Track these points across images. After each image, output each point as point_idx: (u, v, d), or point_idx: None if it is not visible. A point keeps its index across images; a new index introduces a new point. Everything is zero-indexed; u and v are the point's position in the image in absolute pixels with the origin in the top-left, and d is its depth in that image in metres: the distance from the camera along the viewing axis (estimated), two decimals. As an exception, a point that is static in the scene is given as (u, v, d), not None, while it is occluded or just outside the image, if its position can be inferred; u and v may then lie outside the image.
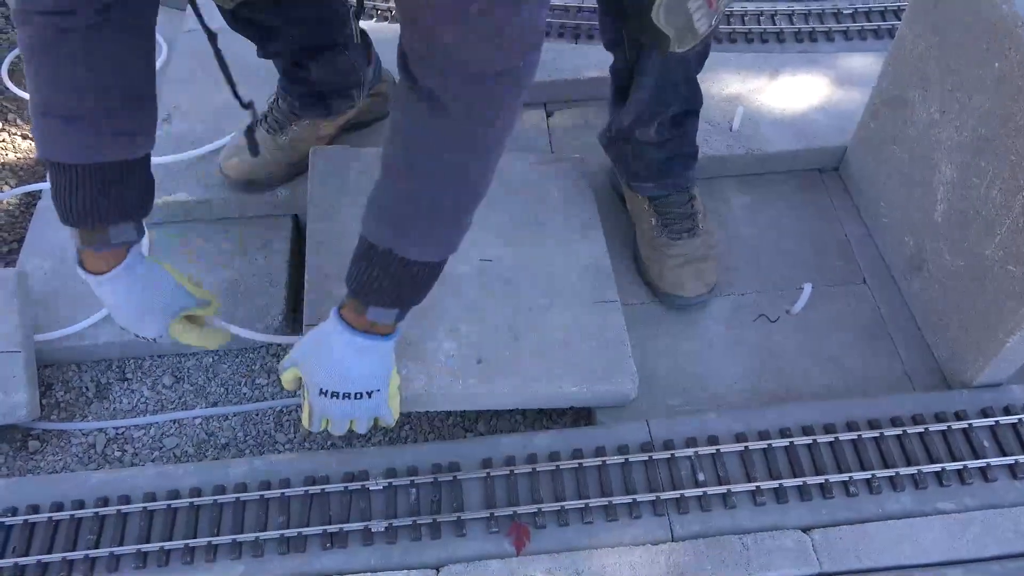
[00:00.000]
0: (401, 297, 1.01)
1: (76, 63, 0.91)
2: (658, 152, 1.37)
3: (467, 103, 0.89)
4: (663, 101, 1.29)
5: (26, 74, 0.94)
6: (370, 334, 1.03)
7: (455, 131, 0.91)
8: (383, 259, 0.97)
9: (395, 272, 0.97)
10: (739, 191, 1.61)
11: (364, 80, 1.48)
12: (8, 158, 1.72)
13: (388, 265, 0.97)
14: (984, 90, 1.17)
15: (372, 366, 1.06)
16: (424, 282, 1.01)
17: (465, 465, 1.20)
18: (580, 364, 1.24)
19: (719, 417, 1.25)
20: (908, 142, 1.37)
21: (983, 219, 1.20)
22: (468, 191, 0.98)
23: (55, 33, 0.89)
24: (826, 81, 1.72)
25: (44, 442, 1.34)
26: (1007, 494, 1.18)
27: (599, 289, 1.32)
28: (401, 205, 0.95)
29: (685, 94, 1.31)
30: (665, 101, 1.29)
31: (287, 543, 1.13)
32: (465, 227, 1.00)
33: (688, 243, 1.40)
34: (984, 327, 1.23)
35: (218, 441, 1.34)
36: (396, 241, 0.96)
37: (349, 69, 1.42)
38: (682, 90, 1.30)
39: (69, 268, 1.46)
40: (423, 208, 0.96)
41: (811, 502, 1.16)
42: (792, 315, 1.42)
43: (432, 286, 1.03)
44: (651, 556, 1.11)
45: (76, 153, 0.94)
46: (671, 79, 1.27)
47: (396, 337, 1.07)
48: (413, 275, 0.99)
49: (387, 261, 0.96)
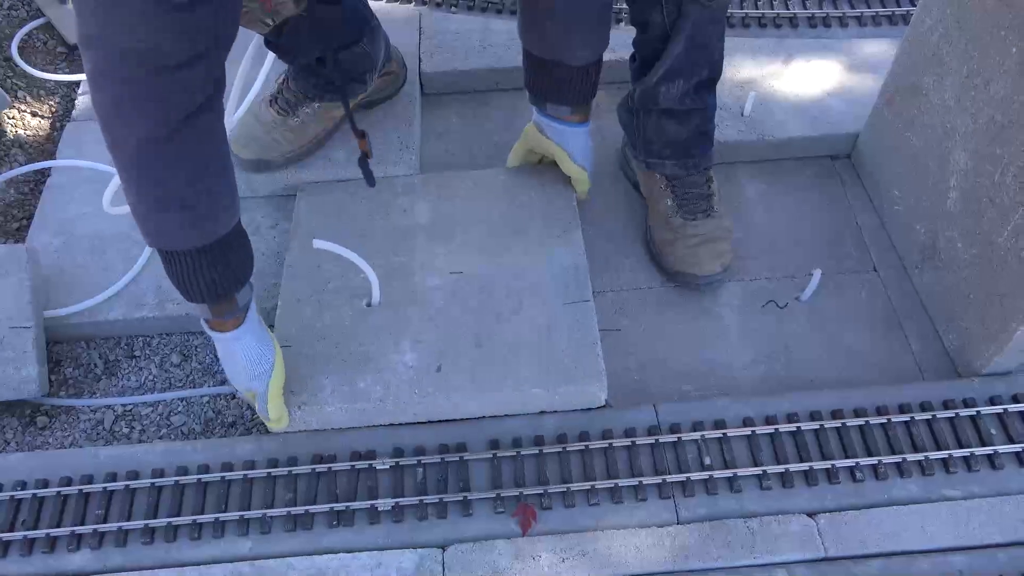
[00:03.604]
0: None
1: (191, 155, 0.96)
2: (679, 128, 1.37)
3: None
4: (695, 61, 1.30)
5: (133, 173, 0.96)
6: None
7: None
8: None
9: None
10: (751, 178, 1.60)
11: (377, 64, 1.47)
12: (18, 135, 1.71)
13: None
14: (1002, 76, 1.15)
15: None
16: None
17: (472, 446, 1.20)
18: (546, 367, 1.22)
19: (726, 402, 1.25)
20: (922, 129, 1.36)
21: (996, 207, 1.19)
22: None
23: (171, 131, 0.92)
24: (839, 67, 1.71)
25: (52, 418, 1.35)
26: (1014, 481, 1.17)
27: (573, 289, 1.31)
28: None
29: (715, 58, 1.33)
30: (697, 62, 1.30)
31: (294, 520, 1.14)
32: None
33: (704, 223, 1.40)
34: (996, 315, 1.22)
35: (225, 419, 1.35)
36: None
37: (363, 56, 1.42)
38: (714, 52, 1.32)
39: (78, 245, 1.47)
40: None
41: (817, 487, 1.16)
42: (802, 302, 1.41)
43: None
44: (656, 538, 1.12)
45: (192, 238, 1.00)
46: (705, 39, 1.28)
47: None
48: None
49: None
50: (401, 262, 1.35)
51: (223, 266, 1.03)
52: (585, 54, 1.25)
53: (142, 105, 0.90)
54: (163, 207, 0.97)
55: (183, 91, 0.91)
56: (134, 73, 0.88)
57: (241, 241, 1.07)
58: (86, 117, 1.66)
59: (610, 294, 1.43)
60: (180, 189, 0.97)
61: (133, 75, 0.88)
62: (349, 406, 1.20)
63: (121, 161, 0.95)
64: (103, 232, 1.48)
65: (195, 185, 0.98)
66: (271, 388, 1.14)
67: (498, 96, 1.73)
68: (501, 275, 1.33)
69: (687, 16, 1.24)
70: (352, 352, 1.24)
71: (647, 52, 1.33)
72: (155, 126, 0.91)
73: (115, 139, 0.93)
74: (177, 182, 0.96)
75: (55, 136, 1.71)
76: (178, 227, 0.99)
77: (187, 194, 0.97)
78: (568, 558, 1.10)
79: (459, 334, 1.26)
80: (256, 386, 1.13)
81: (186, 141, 0.94)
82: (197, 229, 1.00)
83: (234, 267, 1.05)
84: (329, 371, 1.22)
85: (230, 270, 1.05)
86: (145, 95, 0.90)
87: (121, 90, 0.89)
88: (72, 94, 1.76)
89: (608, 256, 1.47)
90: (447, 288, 1.32)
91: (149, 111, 0.91)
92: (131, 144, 0.93)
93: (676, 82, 1.32)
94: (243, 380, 1.13)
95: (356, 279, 1.31)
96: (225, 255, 1.03)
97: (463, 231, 1.39)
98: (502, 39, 1.74)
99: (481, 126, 1.68)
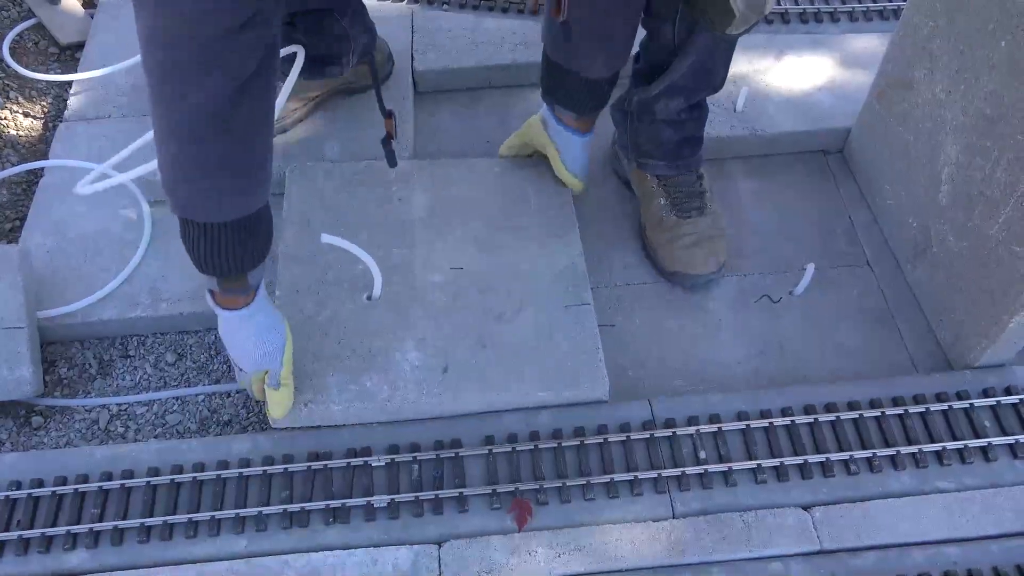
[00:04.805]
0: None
1: (247, 121, 0.94)
2: (673, 133, 1.38)
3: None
4: (698, 82, 1.31)
5: (182, 142, 0.94)
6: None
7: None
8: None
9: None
10: (743, 174, 1.60)
11: (355, 48, 1.48)
12: (10, 135, 1.71)
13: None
14: (991, 70, 1.16)
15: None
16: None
17: (467, 442, 1.21)
18: (549, 370, 1.23)
19: (721, 396, 1.25)
20: (913, 123, 1.36)
21: (988, 200, 1.20)
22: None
23: (228, 99, 0.91)
24: (831, 62, 1.71)
25: (47, 418, 1.34)
26: (1007, 473, 1.18)
27: (573, 292, 1.31)
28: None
29: (718, 80, 1.34)
30: (700, 79, 1.31)
31: (290, 518, 1.14)
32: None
33: (697, 222, 1.40)
34: (988, 308, 1.23)
35: (221, 418, 1.35)
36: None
37: (342, 35, 1.42)
38: (718, 75, 1.32)
39: (71, 245, 1.46)
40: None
41: (812, 480, 1.17)
42: (796, 297, 1.42)
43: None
44: (652, 533, 1.12)
45: (234, 209, 0.99)
46: (711, 64, 1.29)
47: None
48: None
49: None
50: (401, 255, 1.35)
51: (252, 240, 1.02)
52: (602, 69, 1.25)
53: (208, 68, 0.88)
54: (210, 175, 0.95)
55: (245, 53, 0.90)
56: (200, 33, 0.86)
57: (269, 214, 1.06)
58: (78, 117, 1.65)
59: (604, 290, 1.43)
60: (234, 157, 0.95)
61: (199, 36, 0.86)
62: (355, 405, 1.20)
63: (171, 127, 0.93)
64: (96, 232, 1.48)
65: (249, 153, 0.97)
66: (284, 366, 1.13)
67: (490, 94, 1.73)
68: (501, 273, 1.33)
69: (696, 39, 1.24)
70: (355, 350, 1.24)
71: (652, 58, 1.34)
72: (217, 90, 0.90)
73: (170, 104, 0.91)
74: (232, 149, 0.95)
75: (47, 136, 1.70)
76: (221, 197, 0.97)
77: (239, 163, 0.96)
78: (564, 553, 1.10)
79: (462, 334, 1.26)
80: (270, 363, 1.12)
81: (243, 106, 0.92)
82: (243, 198, 0.99)
83: (262, 241, 1.05)
84: (334, 369, 1.22)
85: (258, 244, 1.04)
86: (210, 57, 0.88)
87: (183, 53, 0.87)
88: (64, 94, 1.76)
89: (601, 252, 1.48)
90: (448, 285, 1.31)
91: (213, 74, 0.89)
92: (185, 109, 0.91)
93: (676, 99, 1.33)
94: (255, 358, 1.12)
95: (355, 269, 1.30)
96: (256, 228, 1.02)
97: (461, 223, 1.39)
98: (494, 37, 1.74)
99: (473, 123, 1.69)
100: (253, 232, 1.02)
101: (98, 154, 1.55)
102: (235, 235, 1.00)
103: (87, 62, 1.74)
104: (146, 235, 1.47)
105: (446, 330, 1.26)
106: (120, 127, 1.61)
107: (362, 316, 1.28)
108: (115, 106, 1.66)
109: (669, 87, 1.31)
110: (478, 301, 1.30)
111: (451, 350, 1.24)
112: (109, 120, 1.64)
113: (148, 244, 1.46)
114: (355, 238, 1.23)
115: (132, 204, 1.52)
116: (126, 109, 1.65)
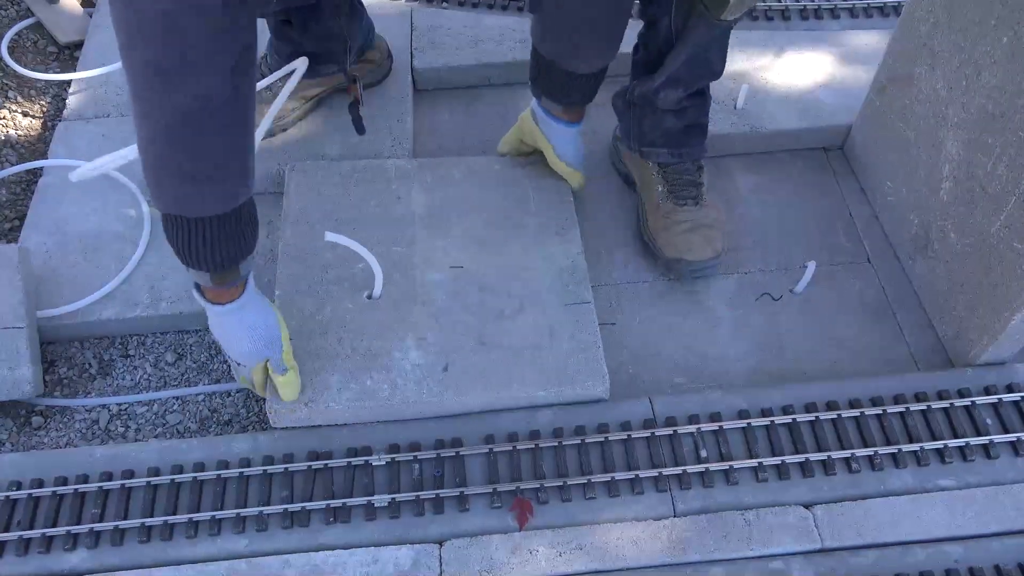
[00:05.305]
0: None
1: (233, 118, 0.96)
2: (677, 121, 1.38)
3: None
4: (696, 72, 1.32)
5: (167, 141, 0.95)
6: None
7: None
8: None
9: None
10: (744, 171, 1.60)
11: (353, 46, 1.47)
12: (9, 135, 1.71)
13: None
14: (993, 65, 1.16)
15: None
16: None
17: (468, 441, 1.20)
18: (550, 368, 1.23)
19: (722, 394, 1.25)
20: (914, 119, 1.36)
21: (989, 196, 1.19)
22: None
23: (213, 95, 0.91)
24: (831, 59, 1.71)
25: (47, 418, 1.34)
26: (1009, 471, 1.18)
27: (573, 290, 1.31)
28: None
29: (716, 68, 1.34)
30: (698, 69, 1.32)
31: (291, 518, 1.14)
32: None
33: (694, 210, 1.40)
34: (989, 305, 1.22)
35: (221, 417, 1.34)
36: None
37: (338, 33, 1.42)
38: (716, 64, 1.33)
39: (71, 245, 1.46)
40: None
41: (813, 479, 1.16)
42: (796, 294, 1.41)
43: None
44: (653, 531, 1.12)
45: (219, 204, 0.99)
46: (708, 53, 1.30)
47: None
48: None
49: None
50: (401, 253, 1.35)
51: (239, 233, 1.03)
52: (591, 63, 1.25)
53: (193, 64, 0.89)
54: (196, 171, 0.96)
55: (229, 47, 0.90)
56: (191, 26, 0.86)
57: (254, 208, 1.06)
58: (77, 116, 1.65)
59: (604, 288, 1.43)
60: (220, 152, 0.96)
61: (184, 31, 0.86)
62: (356, 404, 1.20)
63: (156, 125, 0.93)
64: (96, 232, 1.48)
65: (234, 147, 0.97)
66: (285, 350, 1.14)
67: (490, 91, 1.73)
68: (501, 272, 1.33)
69: (692, 28, 1.24)
70: (356, 348, 1.24)
71: (651, 49, 1.34)
72: (208, 84, 0.91)
73: (154, 102, 0.91)
74: (218, 144, 0.96)
75: (47, 136, 1.70)
76: (207, 192, 0.98)
77: (225, 158, 0.97)
78: (565, 552, 1.10)
79: (463, 333, 1.26)
80: (270, 352, 1.13)
81: (227, 100, 0.93)
82: (227, 193, 0.99)
83: (248, 235, 1.05)
84: (334, 368, 1.22)
85: (244, 237, 1.05)
86: (195, 53, 0.88)
87: (167, 50, 0.88)
88: (63, 93, 1.76)
89: (601, 250, 1.47)
90: (448, 284, 1.31)
91: (208, 67, 0.90)
92: (170, 106, 0.91)
93: (676, 89, 1.34)
94: (252, 349, 1.13)
95: (355, 267, 1.30)
96: (241, 221, 1.03)
97: (460, 222, 1.39)
98: (493, 34, 1.73)
99: (473, 121, 1.68)
100: (240, 223, 1.03)
101: (97, 153, 1.53)
102: (226, 229, 1.01)
103: (86, 61, 1.74)
104: (146, 234, 1.46)
105: (446, 329, 1.26)
106: (119, 126, 1.61)
107: (362, 315, 1.28)
108: (114, 105, 1.66)
109: (668, 78, 1.32)
110: (478, 300, 1.29)
111: (451, 349, 1.24)
112: (108, 119, 1.64)
113: (148, 243, 1.45)
114: (355, 237, 1.22)
115: (132, 203, 1.51)
116: (125, 108, 1.65)
